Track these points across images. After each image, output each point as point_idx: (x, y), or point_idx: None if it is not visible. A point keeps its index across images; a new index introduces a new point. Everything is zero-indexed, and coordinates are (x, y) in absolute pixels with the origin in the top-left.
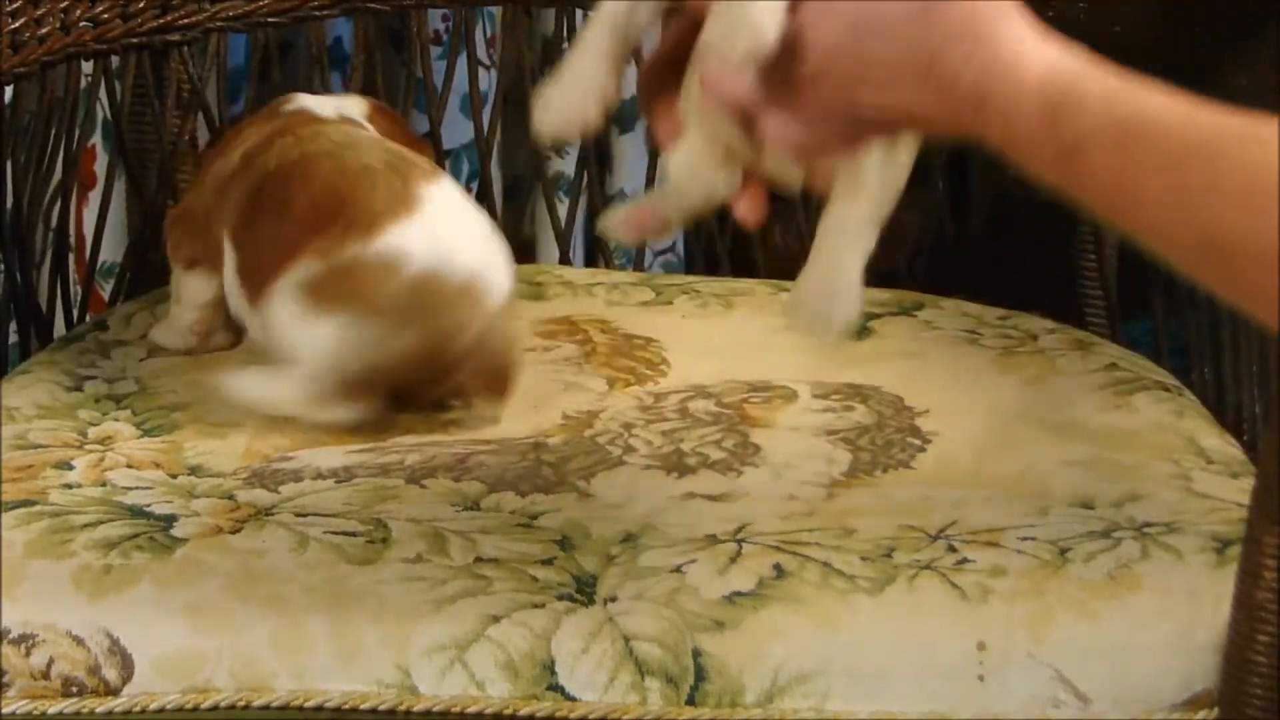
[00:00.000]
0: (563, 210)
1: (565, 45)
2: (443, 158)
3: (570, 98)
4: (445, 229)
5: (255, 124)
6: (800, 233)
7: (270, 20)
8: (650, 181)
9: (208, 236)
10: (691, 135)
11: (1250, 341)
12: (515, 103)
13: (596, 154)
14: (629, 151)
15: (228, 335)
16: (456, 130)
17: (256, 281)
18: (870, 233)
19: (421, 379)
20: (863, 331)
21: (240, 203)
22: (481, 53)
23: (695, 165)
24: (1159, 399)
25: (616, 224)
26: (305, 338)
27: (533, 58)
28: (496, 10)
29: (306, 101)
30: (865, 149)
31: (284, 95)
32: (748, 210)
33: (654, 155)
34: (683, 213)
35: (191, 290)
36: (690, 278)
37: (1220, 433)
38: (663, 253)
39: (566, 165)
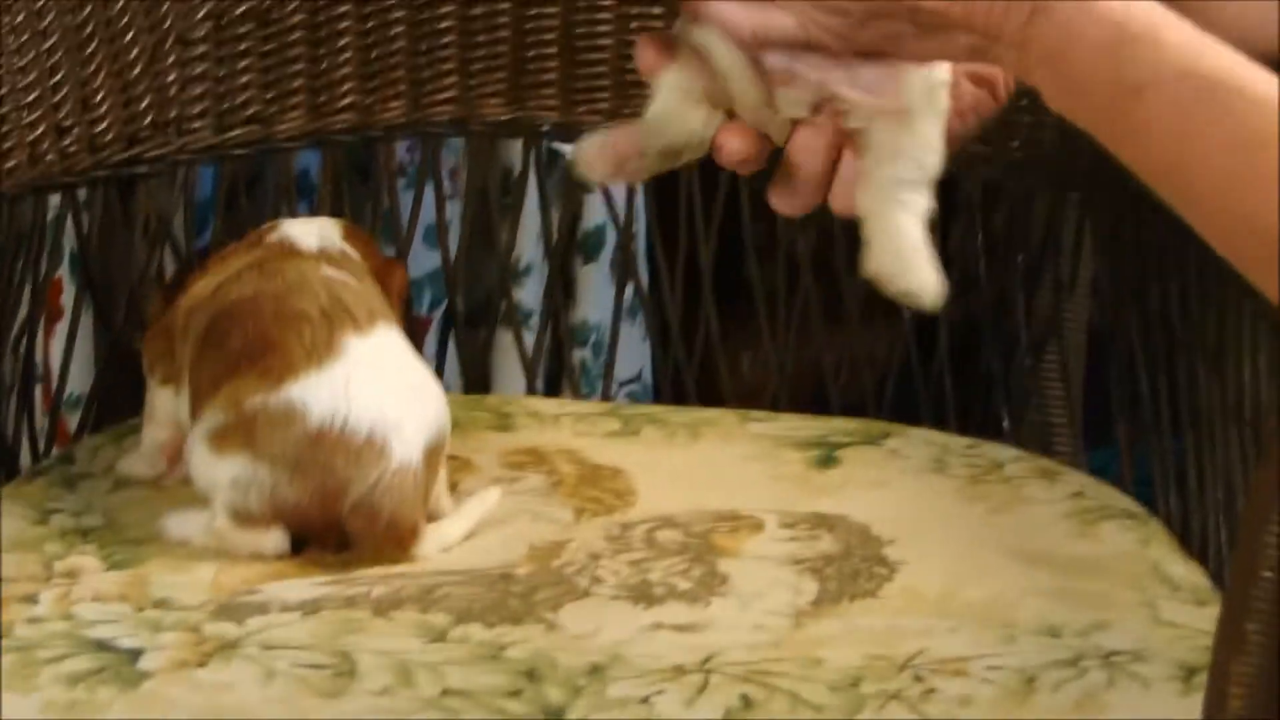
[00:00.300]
0: (529, 340)
1: (530, 176)
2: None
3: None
4: (356, 384)
5: (239, 252)
6: (768, 363)
7: (238, 152)
8: (617, 313)
9: (177, 357)
10: (684, 58)
11: (1216, 468)
12: (479, 233)
13: (562, 284)
14: (592, 282)
15: None
16: (422, 260)
17: (194, 413)
18: (923, 191)
19: (316, 526)
20: (829, 461)
21: (199, 332)
22: (446, 184)
23: (683, 94)
24: (1125, 527)
25: (590, 155)
26: (211, 476)
27: (496, 189)
28: (460, 142)
29: (289, 229)
30: (903, 77)
31: (270, 222)
32: (739, 147)
33: (620, 287)
34: (661, 151)
35: (164, 408)
36: (657, 408)
37: (1186, 560)
38: (628, 383)
39: (527, 295)
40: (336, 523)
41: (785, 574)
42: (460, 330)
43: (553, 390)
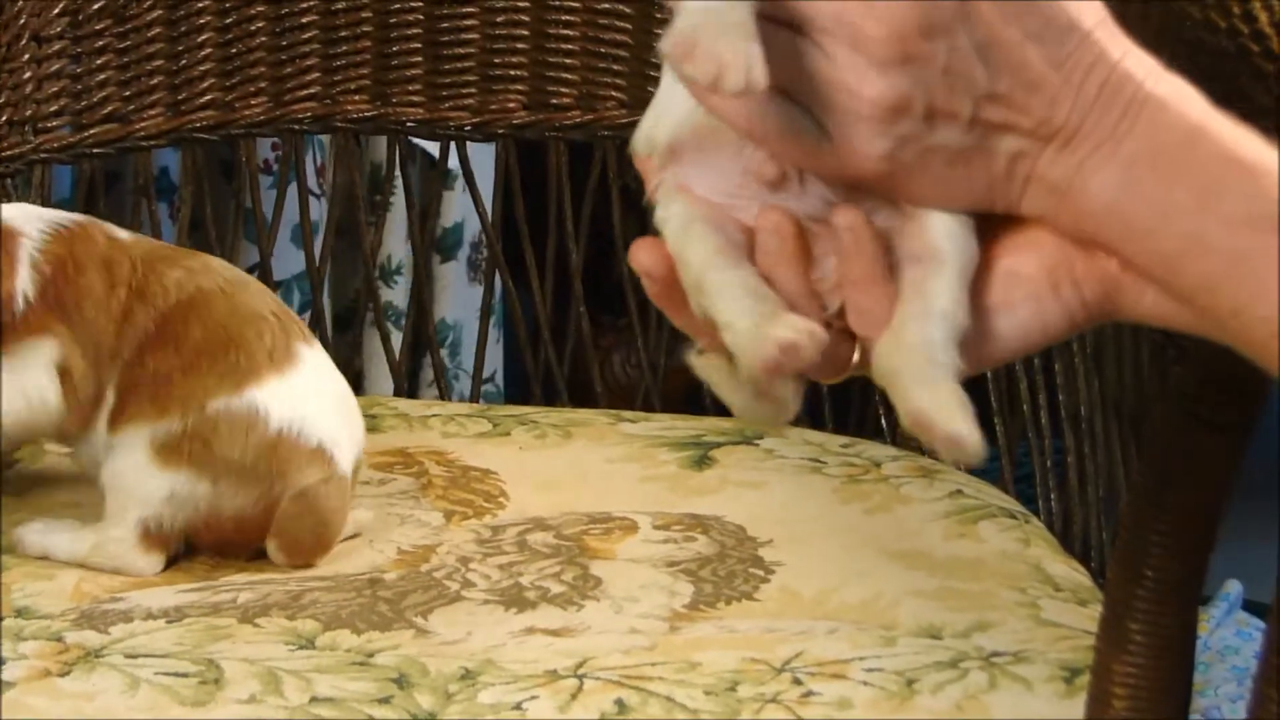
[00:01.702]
0: (396, 340)
1: (396, 174)
2: (274, 289)
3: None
4: (312, 393)
5: (99, 251)
6: (640, 362)
7: (96, 151)
8: (485, 313)
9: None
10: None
11: (1097, 468)
12: (346, 233)
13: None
14: (451, 281)
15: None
16: (287, 261)
17: (127, 410)
18: (961, 307)
19: (247, 534)
20: (703, 461)
21: (144, 331)
22: (312, 182)
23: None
24: (1005, 526)
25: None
26: (140, 488)
27: (363, 186)
28: (326, 138)
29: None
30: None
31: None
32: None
33: (489, 285)
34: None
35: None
36: (528, 409)
37: (1067, 560)
38: (483, 382)
39: (396, 295)
40: (266, 529)
41: (660, 576)
42: (327, 331)
43: (414, 391)
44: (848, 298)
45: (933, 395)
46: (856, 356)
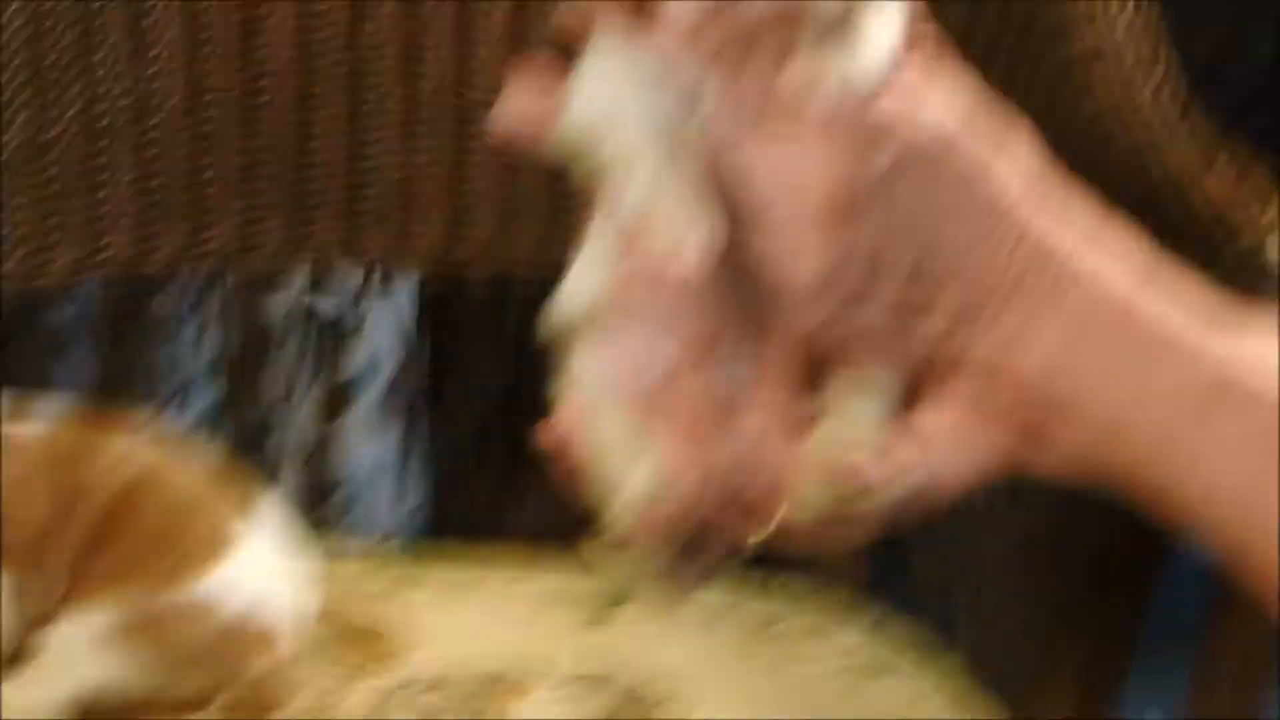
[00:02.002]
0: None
1: (295, 321)
2: (187, 426)
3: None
4: (260, 571)
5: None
6: (553, 507)
7: (6, 291)
8: (398, 454)
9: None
10: None
11: (1017, 601)
12: (244, 376)
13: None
14: (358, 425)
15: None
16: (200, 396)
17: (76, 596)
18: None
19: (185, 710)
20: (607, 614)
21: (91, 521)
22: (215, 324)
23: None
24: (919, 668)
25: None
26: (84, 668)
27: (262, 331)
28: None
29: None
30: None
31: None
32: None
33: (408, 427)
34: None
35: None
36: (438, 553)
37: (984, 702)
38: (397, 531)
39: (294, 440)
40: (205, 707)
41: None
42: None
43: (318, 534)
44: (747, 457)
45: (807, 505)
46: (778, 517)
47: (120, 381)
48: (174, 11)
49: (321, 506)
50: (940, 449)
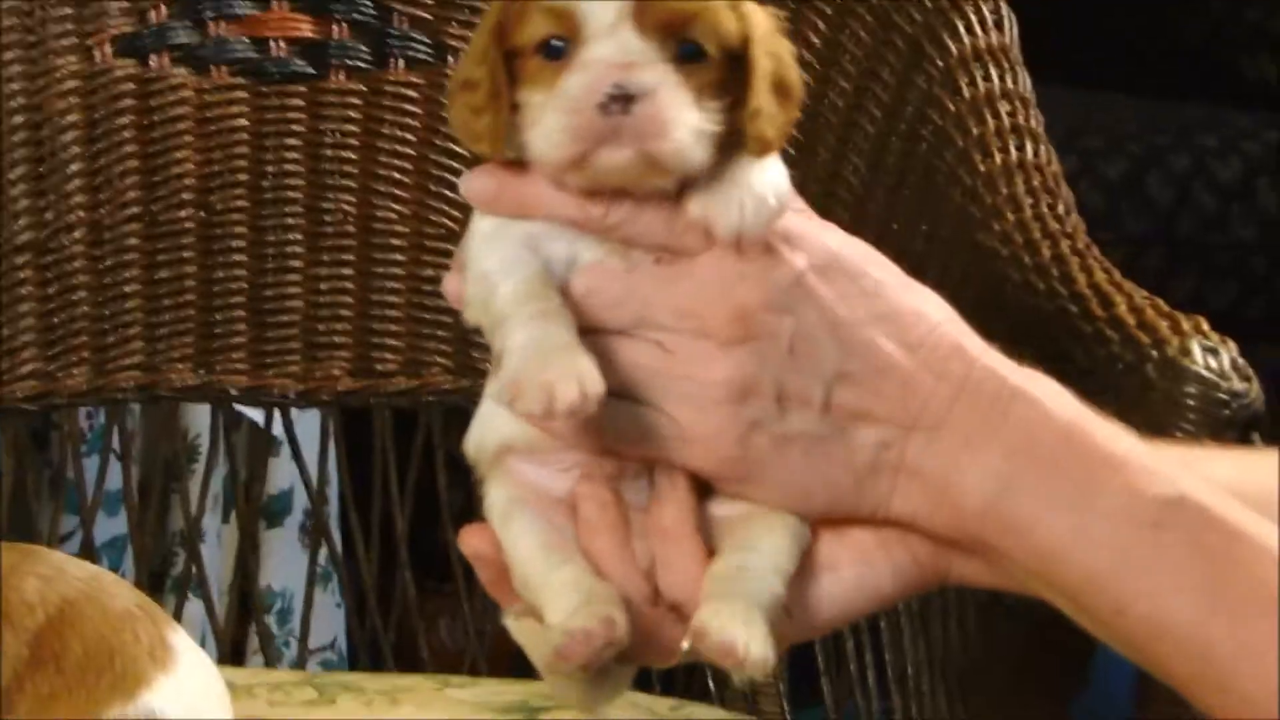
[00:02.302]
0: (221, 608)
1: (211, 441)
2: (96, 554)
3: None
4: (201, 686)
5: None
6: (466, 628)
7: None
8: (310, 579)
9: None
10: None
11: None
12: (159, 497)
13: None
14: (277, 548)
15: None
16: (102, 527)
17: None
18: (785, 554)
19: None
20: None
21: (20, 656)
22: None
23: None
24: None
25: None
26: None
27: (181, 454)
28: (137, 406)
29: None
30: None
31: None
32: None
33: (313, 553)
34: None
35: None
36: (353, 675)
37: None
38: (321, 650)
39: (210, 562)
40: None
41: None
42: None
43: (237, 659)
44: (657, 554)
45: (719, 607)
46: (686, 645)
47: (28, 509)
48: (75, 152)
49: (245, 624)
50: (848, 566)
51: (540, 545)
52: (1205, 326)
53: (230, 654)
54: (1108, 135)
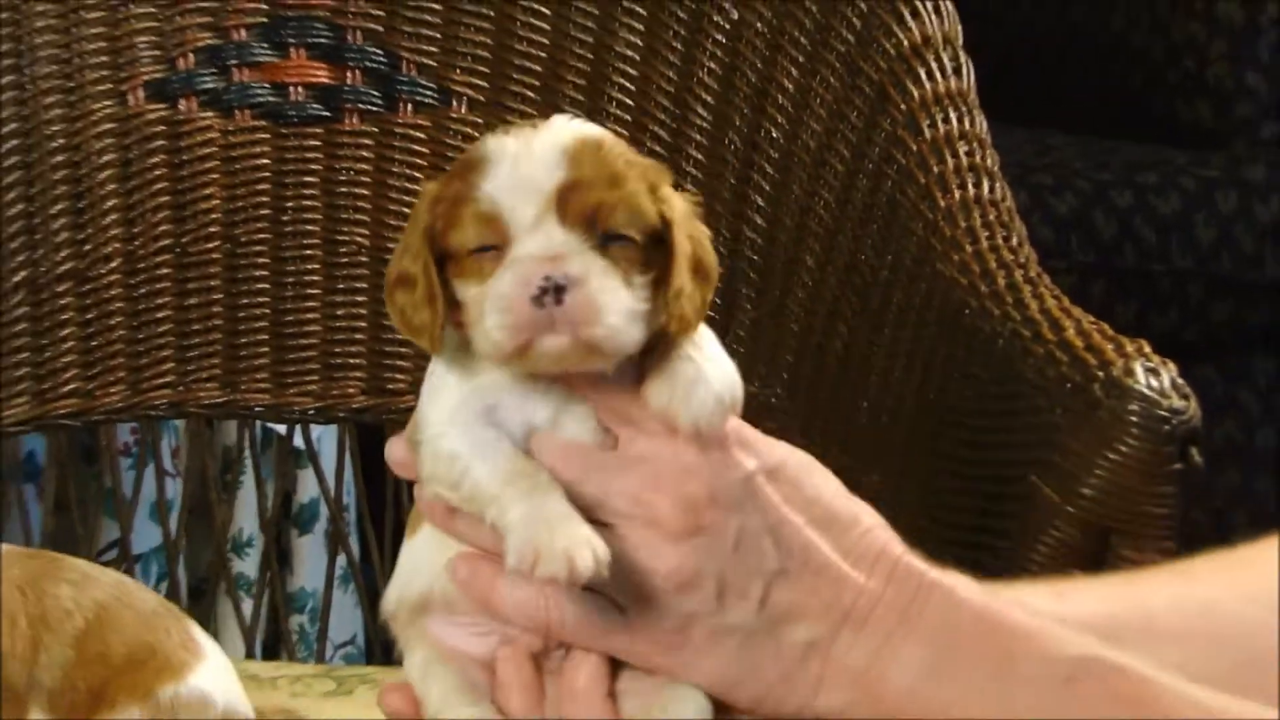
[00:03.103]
0: (246, 608)
1: (245, 455)
2: (133, 563)
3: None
4: (227, 671)
5: None
6: None
7: None
8: (329, 582)
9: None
10: None
11: None
12: (199, 509)
13: (278, 555)
14: (308, 552)
15: None
16: (145, 536)
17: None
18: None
19: None
20: None
21: (67, 656)
22: (167, 463)
23: None
24: None
25: None
26: None
27: (215, 466)
28: (179, 423)
29: None
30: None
31: None
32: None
33: (331, 557)
34: None
35: None
36: (370, 668)
37: None
38: (343, 645)
39: (248, 566)
40: None
41: None
42: (183, 601)
43: (271, 655)
44: (568, 715)
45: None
46: None
47: (67, 519)
48: (110, 189)
49: (274, 622)
50: None
51: (455, 689)
52: (1147, 349)
53: (267, 650)
54: (1057, 173)
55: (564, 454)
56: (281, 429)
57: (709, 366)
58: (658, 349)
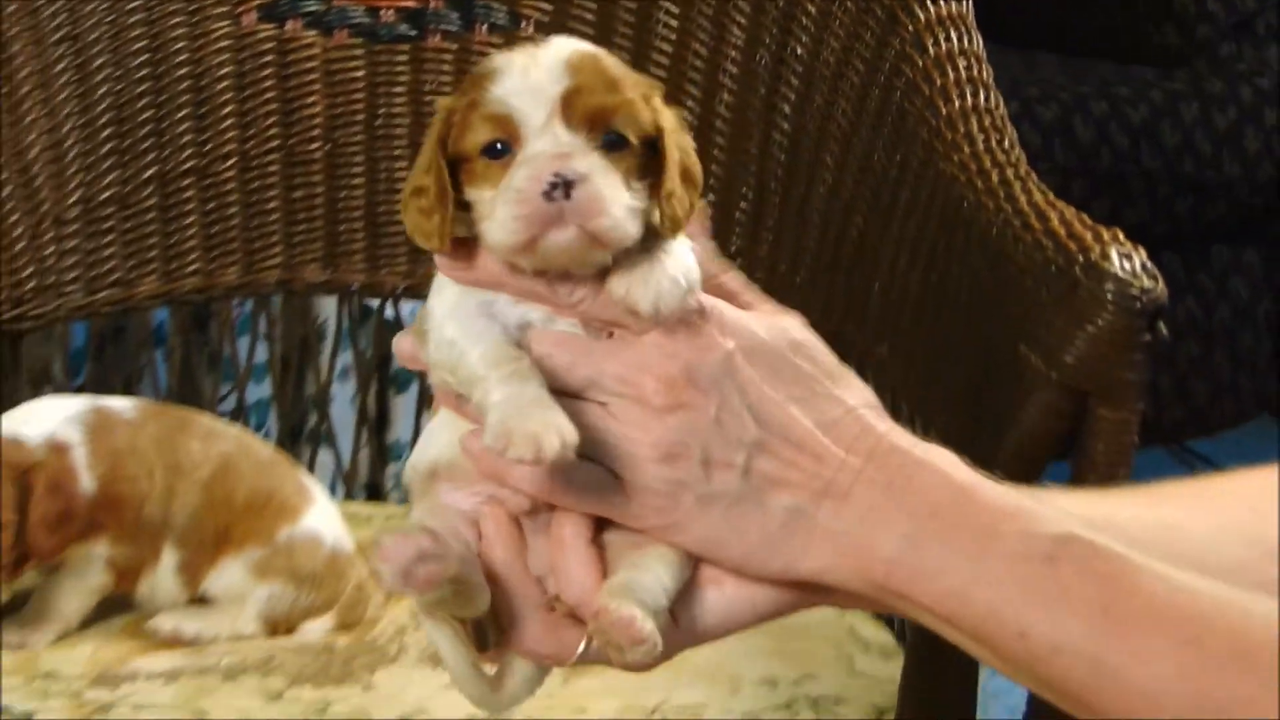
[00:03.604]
0: (346, 456)
1: (333, 325)
2: (246, 414)
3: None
4: (333, 513)
5: (124, 440)
6: None
7: (105, 310)
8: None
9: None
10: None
11: None
12: (292, 368)
13: (379, 412)
14: (403, 409)
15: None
16: (252, 392)
17: (202, 564)
18: (672, 573)
19: (309, 618)
20: None
21: (196, 500)
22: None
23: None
24: None
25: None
26: (252, 594)
27: (313, 335)
28: (278, 297)
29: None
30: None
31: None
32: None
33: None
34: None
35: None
36: None
37: (876, 622)
38: None
39: (341, 421)
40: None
41: None
42: (285, 447)
43: (372, 498)
44: (555, 562)
45: (616, 598)
46: (583, 646)
47: (190, 379)
48: (227, 97)
49: (374, 471)
50: (729, 580)
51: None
52: (1121, 237)
53: (370, 493)
54: (1042, 86)
55: (558, 342)
56: (375, 303)
57: (665, 257)
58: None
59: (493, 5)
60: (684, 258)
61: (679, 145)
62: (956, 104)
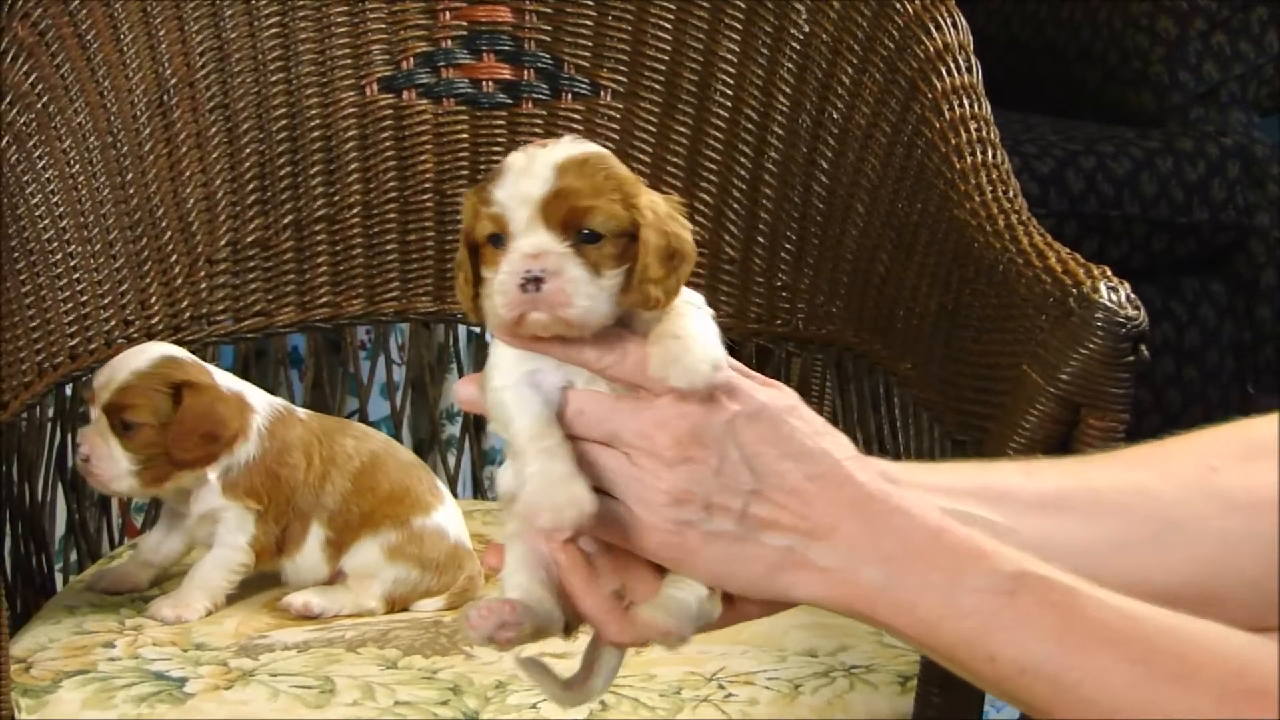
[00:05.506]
0: (452, 460)
1: (453, 350)
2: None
3: (559, 493)
4: (458, 513)
5: (298, 433)
6: None
7: (249, 336)
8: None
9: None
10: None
11: None
12: (418, 389)
13: (475, 422)
14: None
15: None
16: (377, 408)
17: (345, 542)
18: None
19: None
20: None
21: (345, 487)
22: (394, 354)
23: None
24: None
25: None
26: (382, 574)
27: (430, 356)
28: (404, 325)
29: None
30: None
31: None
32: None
33: None
34: (533, 629)
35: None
36: None
37: None
38: None
39: (455, 429)
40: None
41: None
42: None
43: (477, 494)
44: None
45: (658, 611)
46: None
47: (324, 393)
48: (352, 155)
49: (481, 475)
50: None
51: (520, 561)
52: (1109, 273)
53: (474, 492)
54: (1039, 143)
55: (591, 400)
56: (477, 329)
57: (693, 342)
58: (661, 321)
59: (576, 78)
60: (708, 337)
61: (661, 232)
62: (969, 160)
